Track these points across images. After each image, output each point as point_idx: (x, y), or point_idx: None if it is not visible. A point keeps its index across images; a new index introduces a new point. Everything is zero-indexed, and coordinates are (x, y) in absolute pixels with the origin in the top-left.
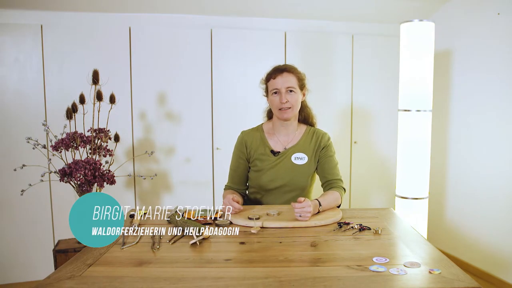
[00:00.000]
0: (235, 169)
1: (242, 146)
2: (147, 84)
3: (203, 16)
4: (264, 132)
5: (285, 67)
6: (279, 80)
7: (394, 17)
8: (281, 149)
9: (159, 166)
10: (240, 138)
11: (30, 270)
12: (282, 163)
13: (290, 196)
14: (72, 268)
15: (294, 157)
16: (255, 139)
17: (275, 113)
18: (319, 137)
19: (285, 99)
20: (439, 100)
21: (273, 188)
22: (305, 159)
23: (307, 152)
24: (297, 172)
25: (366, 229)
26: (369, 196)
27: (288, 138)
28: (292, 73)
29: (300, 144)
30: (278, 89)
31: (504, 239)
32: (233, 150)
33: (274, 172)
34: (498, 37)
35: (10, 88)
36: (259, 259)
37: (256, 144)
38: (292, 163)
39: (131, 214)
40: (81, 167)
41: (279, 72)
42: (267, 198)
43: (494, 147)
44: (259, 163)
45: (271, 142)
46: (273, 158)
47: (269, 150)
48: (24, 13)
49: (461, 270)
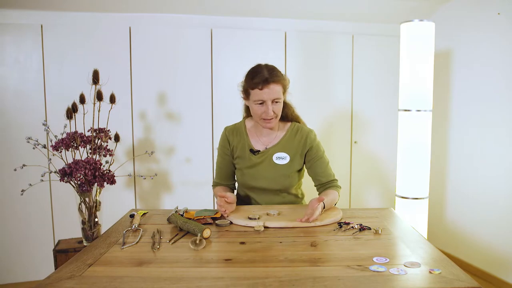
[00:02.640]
0: (221, 166)
1: (226, 142)
2: (147, 84)
3: (203, 16)
4: (246, 129)
5: (271, 78)
6: (266, 92)
7: (394, 17)
8: (262, 147)
9: (159, 166)
10: (223, 134)
11: (30, 270)
12: (263, 163)
13: (276, 195)
14: (72, 268)
15: (276, 156)
16: (237, 136)
17: (256, 120)
18: (303, 136)
19: (271, 111)
20: (439, 100)
21: (256, 187)
22: (286, 159)
23: (290, 151)
24: (279, 172)
25: (366, 229)
26: (369, 196)
27: (269, 138)
28: (279, 83)
29: (282, 143)
30: (264, 101)
31: (504, 239)
32: (218, 146)
33: (255, 172)
34: (498, 37)
35: (10, 88)
36: (259, 259)
37: (237, 141)
38: (274, 163)
39: (131, 214)
40: (81, 167)
41: (266, 83)
42: (253, 196)
43: (494, 147)
44: (240, 161)
45: (252, 140)
46: (253, 157)
47: (248, 148)
48: (24, 13)
49: (461, 270)
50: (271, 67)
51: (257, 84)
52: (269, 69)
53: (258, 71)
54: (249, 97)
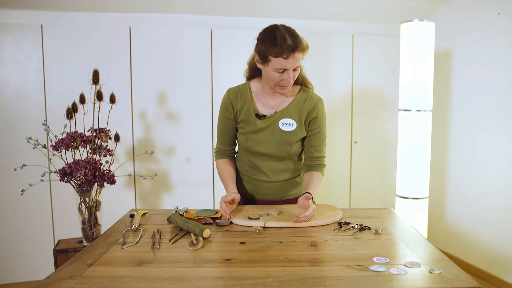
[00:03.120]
0: (222, 131)
1: (229, 106)
2: (147, 84)
3: (203, 16)
4: (252, 92)
5: (297, 47)
6: (291, 62)
7: (394, 17)
8: (268, 112)
9: (159, 166)
10: (226, 97)
11: (30, 270)
12: (269, 128)
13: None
14: (73, 268)
15: (282, 122)
16: (241, 99)
17: (270, 86)
18: (312, 103)
19: (292, 79)
20: (439, 100)
21: (260, 153)
22: (293, 125)
23: (296, 118)
24: (285, 139)
25: (366, 229)
26: (369, 196)
27: (277, 102)
28: (303, 50)
29: (290, 108)
30: (286, 69)
31: (504, 239)
32: (219, 109)
33: (260, 136)
34: (498, 37)
35: (10, 87)
36: (259, 259)
37: (241, 105)
38: (280, 128)
39: (131, 214)
40: (81, 167)
41: (292, 52)
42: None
43: (494, 146)
44: (245, 126)
45: (258, 104)
46: (258, 122)
47: (254, 113)
48: (24, 13)
49: (461, 270)
50: (292, 32)
51: (282, 53)
52: (291, 35)
53: (282, 37)
54: (267, 63)
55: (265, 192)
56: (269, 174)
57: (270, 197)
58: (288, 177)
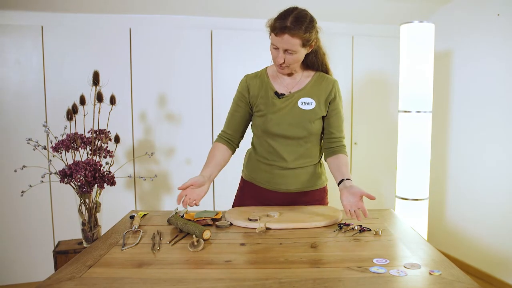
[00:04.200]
0: (234, 113)
1: (245, 89)
2: (148, 85)
3: (203, 17)
4: (268, 76)
5: (289, 30)
6: (279, 40)
7: (394, 18)
8: (286, 92)
9: (160, 167)
10: (243, 81)
11: (30, 271)
12: (288, 107)
13: (298, 144)
14: (72, 269)
15: (301, 101)
16: (258, 82)
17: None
18: (330, 83)
19: (282, 59)
20: (439, 101)
21: (279, 134)
22: (312, 104)
23: (315, 97)
24: (304, 117)
25: (366, 230)
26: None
27: (293, 81)
28: (296, 36)
29: (307, 88)
30: (277, 47)
31: (505, 240)
32: (235, 95)
33: (279, 117)
34: (498, 38)
35: (11, 89)
36: (259, 261)
37: (259, 87)
38: (299, 107)
39: (131, 216)
40: (81, 168)
41: (281, 32)
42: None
43: (494, 148)
44: (263, 107)
45: (276, 84)
46: (277, 101)
47: (273, 92)
48: (25, 14)
49: (462, 271)
50: (299, 16)
51: (274, 28)
52: (295, 18)
53: (284, 16)
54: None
55: (282, 181)
56: (288, 159)
57: (286, 187)
58: (307, 164)
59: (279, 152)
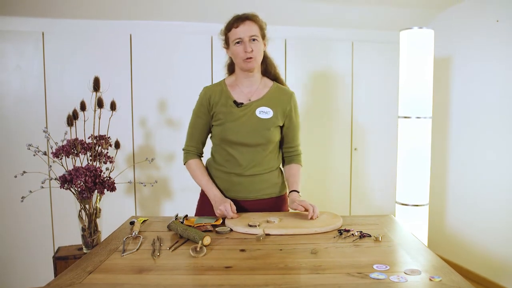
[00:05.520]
0: (196, 126)
1: (206, 100)
2: (148, 90)
3: (203, 23)
4: (226, 86)
5: (247, 16)
6: (242, 29)
7: (394, 24)
8: (245, 101)
9: (160, 172)
10: (202, 93)
11: (30, 277)
12: (246, 116)
13: (255, 152)
14: (72, 275)
15: (259, 110)
16: (218, 91)
17: (238, 64)
18: (288, 95)
19: (250, 47)
20: (439, 107)
21: (237, 142)
22: (270, 113)
23: (273, 107)
24: (262, 125)
25: (367, 236)
26: (369, 203)
27: (251, 90)
28: (255, 21)
29: (266, 98)
30: (241, 38)
31: (505, 245)
32: (195, 108)
33: (238, 125)
34: (497, 44)
35: (11, 94)
36: (259, 267)
37: (219, 96)
38: (257, 116)
39: (131, 221)
40: (82, 174)
41: (241, 20)
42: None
43: (494, 153)
44: (222, 116)
45: (234, 94)
46: (236, 110)
47: (231, 101)
48: (26, 20)
49: (462, 278)
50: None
51: (232, 24)
52: (251, 13)
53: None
54: (228, 43)
55: (241, 189)
56: (245, 166)
57: (245, 194)
58: (264, 171)
59: (237, 160)
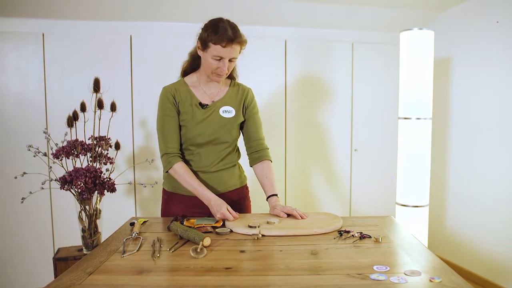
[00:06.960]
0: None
1: (171, 98)
2: (148, 91)
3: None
4: (188, 86)
5: (236, 38)
6: (228, 50)
7: (394, 25)
8: (209, 102)
9: (160, 173)
10: (163, 93)
11: (30, 278)
12: (211, 116)
13: (219, 149)
14: (72, 277)
15: (222, 110)
16: (182, 91)
17: (207, 73)
18: (245, 92)
19: (226, 69)
20: (439, 108)
21: (203, 143)
22: (232, 112)
23: (234, 105)
24: (226, 125)
25: (367, 237)
26: (369, 204)
27: (214, 91)
28: (241, 44)
29: (227, 97)
30: (223, 57)
31: (505, 246)
32: (158, 109)
33: (203, 126)
34: (497, 45)
35: (12, 95)
36: (259, 268)
37: (183, 97)
38: (220, 116)
39: (131, 222)
40: (82, 175)
41: (230, 42)
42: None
43: (494, 154)
44: (186, 117)
45: (198, 95)
46: (201, 111)
47: (197, 102)
48: (26, 21)
49: (462, 279)
50: (234, 25)
51: (221, 41)
52: (232, 28)
53: (223, 28)
54: (206, 50)
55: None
56: (211, 163)
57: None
58: (228, 165)
59: (202, 158)
